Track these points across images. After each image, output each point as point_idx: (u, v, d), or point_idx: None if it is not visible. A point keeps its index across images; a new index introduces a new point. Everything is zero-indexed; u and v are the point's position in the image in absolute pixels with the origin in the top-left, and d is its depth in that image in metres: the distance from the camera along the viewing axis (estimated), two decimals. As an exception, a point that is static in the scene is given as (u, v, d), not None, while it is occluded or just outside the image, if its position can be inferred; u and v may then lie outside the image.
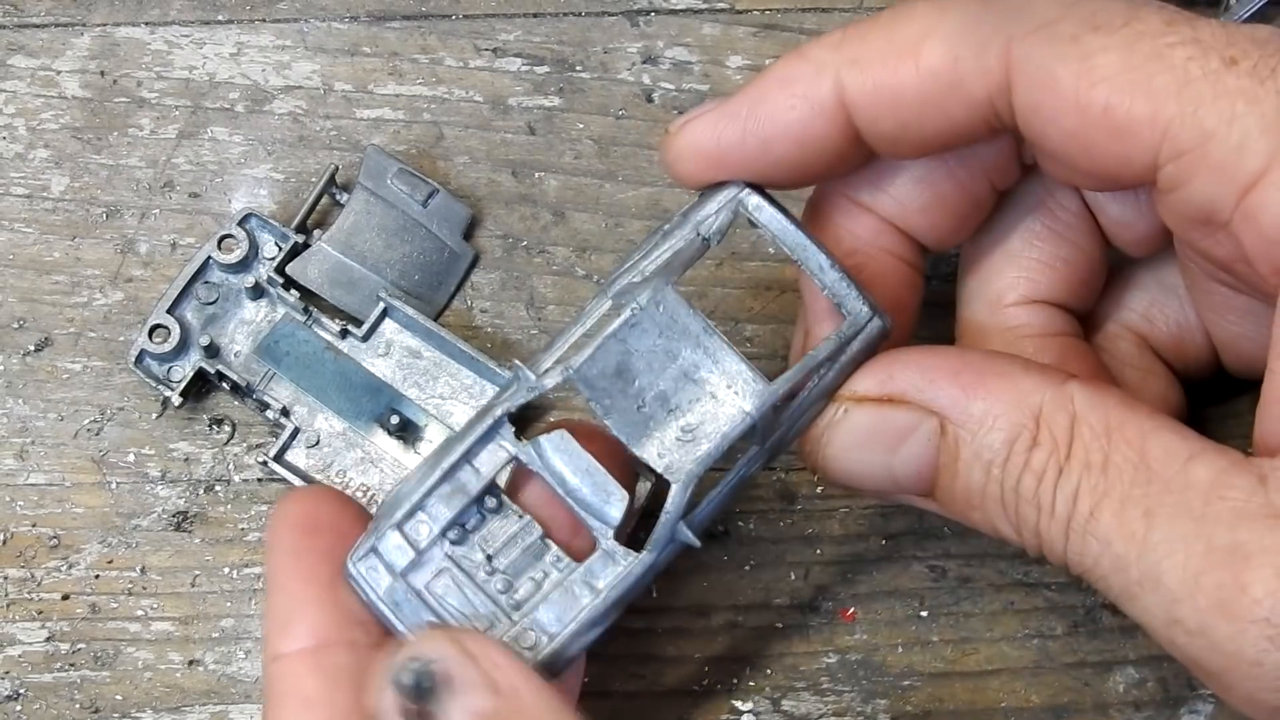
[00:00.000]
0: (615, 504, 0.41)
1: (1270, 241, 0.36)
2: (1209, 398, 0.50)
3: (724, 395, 0.41)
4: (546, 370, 0.41)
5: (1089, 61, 0.37)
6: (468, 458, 0.41)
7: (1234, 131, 0.35)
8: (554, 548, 0.42)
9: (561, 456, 0.41)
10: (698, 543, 0.41)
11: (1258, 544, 0.35)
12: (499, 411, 0.41)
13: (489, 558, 0.41)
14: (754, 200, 0.42)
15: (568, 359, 0.41)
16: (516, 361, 0.42)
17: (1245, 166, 0.35)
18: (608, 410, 0.41)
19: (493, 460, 0.41)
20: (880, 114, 0.41)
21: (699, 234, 0.42)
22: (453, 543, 0.41)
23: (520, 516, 0.42)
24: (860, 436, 0.41)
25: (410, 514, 0.41)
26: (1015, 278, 0.46)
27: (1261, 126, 0.35)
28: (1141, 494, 0.37)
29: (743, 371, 0.41)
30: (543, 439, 0.41)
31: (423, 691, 0.36)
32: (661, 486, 0.41)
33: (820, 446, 0.42)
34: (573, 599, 0.41)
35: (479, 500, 0.41)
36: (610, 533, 0.41)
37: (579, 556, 0.41)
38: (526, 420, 0.52)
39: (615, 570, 0.41)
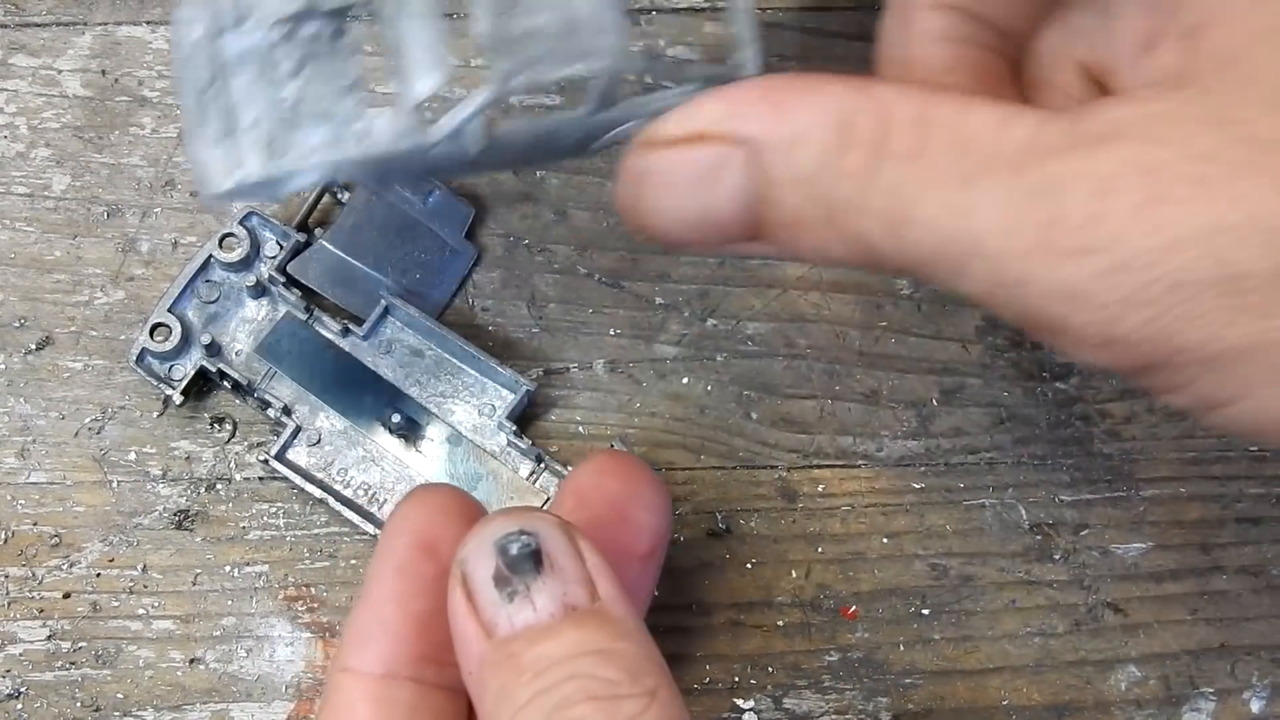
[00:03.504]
0: (433, 76, 0.36)
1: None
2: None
3: (588, 29, 0.36)
4: None
5: None
6: None
7: None
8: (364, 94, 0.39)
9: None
10: (473, 150, 0.38)
11: (1070, 172, 0.33)
12: None
13: (299, 69, 0.39)
14: None
15: None
16: None
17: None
18: None
19: None
20: None
21: None
22: (279, 37, 0.39)
23: (352, 54, 0.39)
24: (673, 182, 0.39)
25: None
26: None
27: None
28: (960, 168, 0.35)
29: (616, 18, 0.36)
30: None
31: (522, 563, 0.36)
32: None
33: (636, 201, 0.39)
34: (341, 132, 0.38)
35: (328, 16, 0.39)
36: (411, 104, 0.37)
37: None
38: (527, 420, 0.52)
39: (390, 127, 0.37)
